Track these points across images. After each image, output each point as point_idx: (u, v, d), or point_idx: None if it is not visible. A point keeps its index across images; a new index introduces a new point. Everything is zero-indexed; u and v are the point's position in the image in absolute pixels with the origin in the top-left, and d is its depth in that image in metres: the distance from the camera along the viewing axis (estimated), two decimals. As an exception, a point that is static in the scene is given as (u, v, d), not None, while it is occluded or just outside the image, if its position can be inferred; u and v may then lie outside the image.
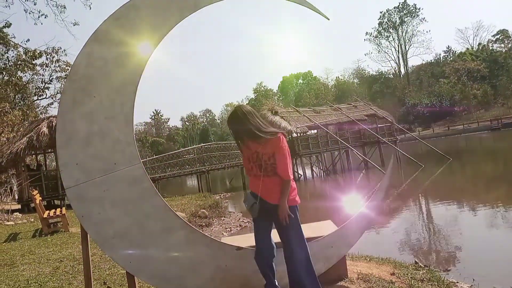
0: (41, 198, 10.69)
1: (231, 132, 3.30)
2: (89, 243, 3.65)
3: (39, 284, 5.19)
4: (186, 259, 3.46)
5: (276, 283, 3.24)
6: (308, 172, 29.27)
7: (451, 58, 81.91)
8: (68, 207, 13.19)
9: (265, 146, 3.10)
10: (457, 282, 4.64)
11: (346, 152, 30.03)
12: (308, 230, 3.98)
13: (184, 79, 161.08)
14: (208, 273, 3.47)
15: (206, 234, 3.64)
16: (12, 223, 11.80)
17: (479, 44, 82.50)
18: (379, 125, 30.25)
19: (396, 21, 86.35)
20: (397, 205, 14.13)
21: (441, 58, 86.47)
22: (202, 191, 22.48)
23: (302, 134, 27.41)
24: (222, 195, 22.11)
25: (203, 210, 12.74)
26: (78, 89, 3.45)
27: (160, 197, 3.53)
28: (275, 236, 3.29)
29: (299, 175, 27.87)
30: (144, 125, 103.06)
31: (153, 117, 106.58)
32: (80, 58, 3.46)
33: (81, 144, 3.44)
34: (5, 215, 12.89)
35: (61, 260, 6.39)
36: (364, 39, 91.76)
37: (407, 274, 4.04)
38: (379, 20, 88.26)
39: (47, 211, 10.13)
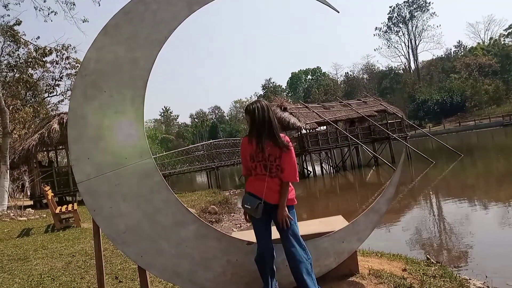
0: (53, 194, 10.79)
1: (254, 120, 3.16)
2: (101, 237, 3.67)
3: (52, 278, 5.25)
4: (197, 253, 3.47)
5: (275, 286, 3.23)
6: (318, 169, 29.17)
7: (462, 53, 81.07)
8: (80, 203, 13.33)
9: (274, 148, 3.12)
10: (469, 279, 4.59)
11: (356, 148, 29.89)
12: (319, 225, 3.97)
13: (193, 76, 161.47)
14: (219, 267, 3.48)
15: (216, 228, 3.63)
16: (24, 218, 11.93)
17: (491, 38, 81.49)
18: (389, 121, 30.02)
19: (406, 16, 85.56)
20: (408, 202, 14.03)
21: (452, 53, 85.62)
22: (212, 188, 22.54)
23: (311, 130, 27.29)
24: (232, 191, 22.14)
25: (213, 206, 12.77)
26: (89, 84, 3.46)
27: (171, 192, 3.53)
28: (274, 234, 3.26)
29: (309, 172, 27.79)
30: (153, 122, 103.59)
31: (162, 114, 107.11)
32: (91, 52, 3.47)
33: (92, 139, 3.45)
34: (18, 211, 13.05)
35: (73, 255, 6.45)
36: (374, 34, 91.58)
37: (419, 270, 4.00)
38: (389, 15, 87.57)
39: (59, 207, 10.23)
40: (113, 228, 3.43)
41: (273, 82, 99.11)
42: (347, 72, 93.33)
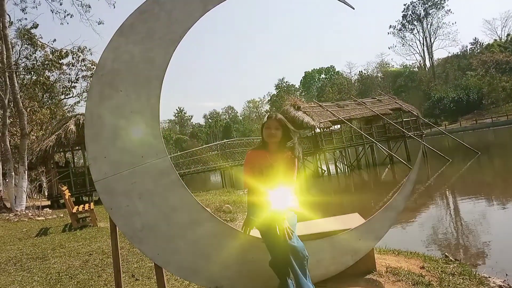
0: (70, 194, 10.94)
1: (276, 128, 3.26)
2: (118, 236, 3.70)
3: (70, 276, 5.32)
4: (213, 251, 3.47)
5: (291, 284, 3.22)
6: (332, 168, 29.01)
7: (478, 50, 79.72)
8: (96, 203, 13.49)
9: (284, 160, 3.22)
10: (489, 277, 4.50)
11: (371, 147, 29.65)
12: (335, 223, 3.95)
13: (206, 76, 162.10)
14: (235, 265, 3.48)
15: (232, 226, 3.64)
16: (42, 218, 12.12)
17: (508, 35, 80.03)
18: (404, 119, 29.72)
19: (420, 13, 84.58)
20: (424, 201, 13.87)
21: (468, 50, 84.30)
22: (226, 187, 22.59)
23: (325, 129, 27.15)
24: (246, 190, 22.14)
25: (227, 205, 12.78)
26: (105, 84, 3.50)
27: (187, 190, 3.55)
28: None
29: (323, 171, 27.67)
30: (168, 122, 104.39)
31: (176, 114, 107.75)
32: (107, 52, 3.50)
33: (109, 138, 3.48)
34: (36, 211, 13.27)
35: (90, 254, 6.53)
36: (388, 33, 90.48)
37: (437, 268, 3.95)
38: (403, 13, 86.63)
39: (76, 207, 10.37)
40: (129, 226, 3.46)
41: (286, 82, 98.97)
42: (361, 71, 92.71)
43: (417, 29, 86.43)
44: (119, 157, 3.48)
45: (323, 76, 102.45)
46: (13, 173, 14.89)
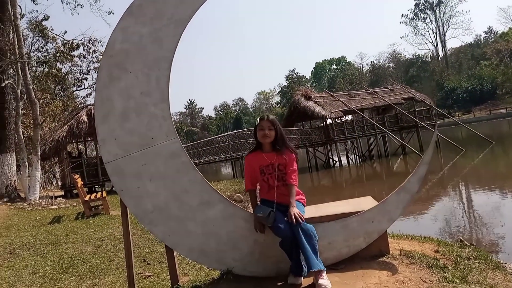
0: (82, 183, 11.02)
1: (269, 129, 3.39)
2: (129, 220, 3.70)
3: (82, 261, 5.36)
4: (224, 233, 3.44)
5: (302, 263, 3.21)
6: (344, 159, 28.84)
7: (493, 39, 78.30)
8: (108, 193, 13.57)
9: (281, 157, 3.37)
10: (504, 263, 4.41)
11: (383, 137, 29.39)
12: (347, 205, 3.89)
13: (217, 68, 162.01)
14: (246, 247, 3.45)
15: (244, 208, 3.60)
16: (56, 207, 12.24)
17: (524, 23, 78.42)
18: (417, 109, 29.36)
19: (433, 2, 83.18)
20: (437, 192, 13.72)
21: (482, 39, 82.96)
22: (237, 177, 22.60)
23: (337, 119, 26.94)
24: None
25: (238, 194, 12.78)
26: (114, 65, 3.47)
27: (197, 172, 3.51)
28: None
29: (334, 162, 27.51)
30: (179, 115, 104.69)
31: (187, 106, 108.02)
32: (116, 33, 3.47)
33: (119, 120, 3.46)
34: (49, 200, 13.41)
35: (102, 239, 6.57)
36: (400, 22, 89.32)
37: (452, 252, 3.86)
38: (416, 1, 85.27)
39: (88, 195, 10.44)
40: (140, 208, 3.45)
41: (297, 73, 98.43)
42: (373, 61, 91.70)
43: (429, 18, 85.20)
44: (129, 138, 3.46)
45: (334, 66, 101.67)
46: (26, 163, 15.04)
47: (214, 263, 3.53)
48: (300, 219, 3.11)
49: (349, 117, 29.79)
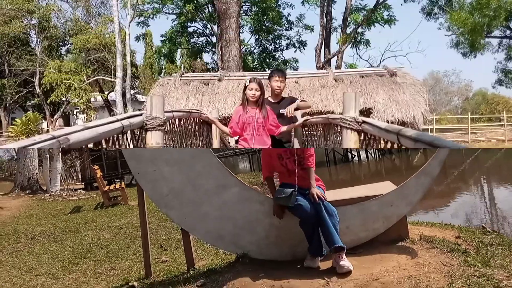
0: (101, 174, 11.16)
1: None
2: (146, 210, 3.73)
3: (100, 247, 5.42)
4: (240, 216, 3.42)
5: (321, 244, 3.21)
6: (362, 152, 28.51)
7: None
8: (128, 185, 13.72)
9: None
10: (529, 252, 4.28)
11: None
12: (366, 190, 3.82)
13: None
14: (262, 230, 3.41)
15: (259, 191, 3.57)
16: (76, 198, 12.44)
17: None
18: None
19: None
20: (457, 187, 13.43)
21: None
22: (254, 171, 22.60)
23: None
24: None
25: (256, 187, 12.75)
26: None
27: (213, 155, 3.49)
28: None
29: (353, 156, 27.23)
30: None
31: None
32: None
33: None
34: (69, 191, 13.65)
35: (120, 227, 6.64)
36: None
37: (474, 238, 3.75)
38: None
39: (108, 186, 10.56)
40: (156, 191, 3.44)
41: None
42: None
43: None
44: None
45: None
46: (47, 155, 15.30)
47: (230, 246, 3.51)
48: (322, 197, 3.19)
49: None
